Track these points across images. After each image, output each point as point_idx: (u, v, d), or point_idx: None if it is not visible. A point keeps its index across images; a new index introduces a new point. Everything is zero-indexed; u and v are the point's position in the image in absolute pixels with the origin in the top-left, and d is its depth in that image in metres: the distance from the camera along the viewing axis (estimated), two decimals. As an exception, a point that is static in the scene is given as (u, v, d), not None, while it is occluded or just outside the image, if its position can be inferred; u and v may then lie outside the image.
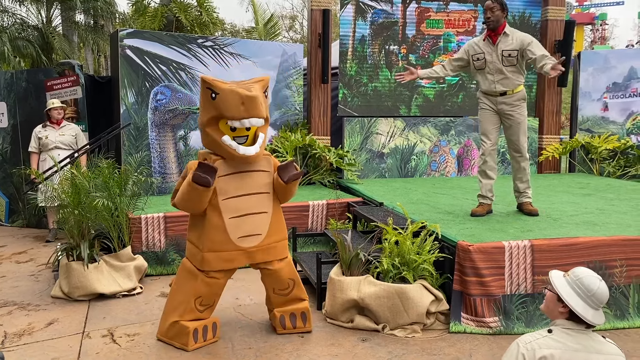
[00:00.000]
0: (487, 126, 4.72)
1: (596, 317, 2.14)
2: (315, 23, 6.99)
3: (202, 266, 3.34)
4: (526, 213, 4.71)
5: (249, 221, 3.38)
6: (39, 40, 10.76)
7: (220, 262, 3.35)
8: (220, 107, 3.18)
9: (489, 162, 4.71)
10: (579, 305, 2.13)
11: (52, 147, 6.19)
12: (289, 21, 31.78)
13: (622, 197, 5.68)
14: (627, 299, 3.79)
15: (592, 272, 2.21)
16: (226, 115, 3.18)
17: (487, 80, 4.63)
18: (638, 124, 8.06)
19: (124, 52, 6.26)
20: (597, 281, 2.16)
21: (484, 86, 4.69)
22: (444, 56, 7.56)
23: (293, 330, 3.60)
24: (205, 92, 3.24)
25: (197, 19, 11.57)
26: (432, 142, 7.57)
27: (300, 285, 3.67)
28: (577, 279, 2.18)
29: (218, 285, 3.44)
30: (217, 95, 3.17)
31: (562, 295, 2.16)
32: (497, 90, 4.59)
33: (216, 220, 3.30)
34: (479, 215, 4.65)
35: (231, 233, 3.33)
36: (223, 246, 3.32)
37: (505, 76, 4.55)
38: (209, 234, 3.31)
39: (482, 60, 4.60)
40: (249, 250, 3.39)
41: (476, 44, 4.68)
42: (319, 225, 5.60)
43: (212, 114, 3.23)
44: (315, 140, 6.80)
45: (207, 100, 3.23)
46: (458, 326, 3.63)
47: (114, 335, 3.63)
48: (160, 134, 6.45)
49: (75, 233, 4.39)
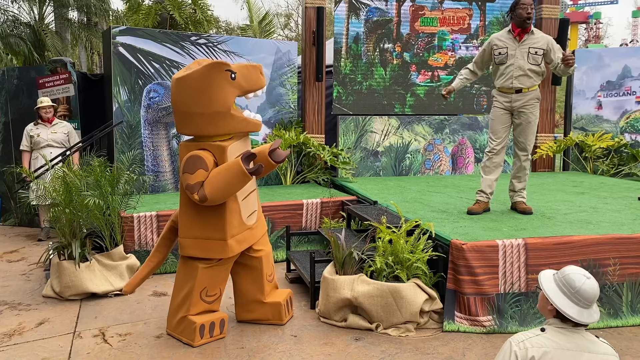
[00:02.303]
0: (496, 125, 4.69)
1: (586, 315, 2.12)
2: (309, 21, 6.97)
3: (225, 254, 3.36)
4: (520, 211, 4.71)
5: (250, 200, 3.53)
6: (31, 37, 10.69)
7: (238, 245, 3.44)
8: (243, 83, 3.35)
9: (494, 159, 4.70)
10: (563, 302, 2.12)
11: (44, 145, 6.14)
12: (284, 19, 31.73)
13: (616, 195, 5.68)
14: (620, 298, 3.79)
15: (580, 270, 2.19)
16: (255, 87, 3.42)
17: (505, 75, 4.57)
18: (632, 123, 8.08)
19: (117, 49, 6.21)
20: (582, 278, 2.14)
21: (500, 82, 4.62)
22: (439, 54, 7.55)
23: (289, 316, 3.79)
24: (224, 75, 3.25)
25: (191, 17, 11.52)
26: (426, 140, 7.56)
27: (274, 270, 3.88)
28: (563, 276, 2.17)
29: (221, 273, 3.47)
30: (235, 74, 3.30)
31: (546, 292, 2.16)
32: (513, 86, 4.54)
33: (234, 205, 3.37)
34: (475, 214, 4.64)
35: (243, 214, 3.45)
36: (239, 229, 3.43)
37: (525, 73, 4.51)
38: (230, 220, 3.34)
39: (504, 54, 4.54)
40: (252, 227, 3.55)
41: (499, 38, 4.62)
42: (313, 224, 5.58)
43: (236, 93, 3.34)
44: (310, 139, 6.78)
45: (227, 83, 3.27)
46: (452, 325, 3.62)
47: (106, 335, 3.60)
48: (153, 132, 6.41)
49: (67, 232, 4.36)
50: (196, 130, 3.35)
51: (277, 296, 3.75)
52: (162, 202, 5.54)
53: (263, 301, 3.66)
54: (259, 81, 3.46)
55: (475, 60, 4.81)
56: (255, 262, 3.62)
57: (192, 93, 3.26)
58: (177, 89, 3.30)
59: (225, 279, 3.55)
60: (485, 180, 4.74)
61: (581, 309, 2.12)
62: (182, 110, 3.32)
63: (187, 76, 3.26)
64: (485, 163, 4.76)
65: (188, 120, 3.33)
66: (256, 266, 3.63)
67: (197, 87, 3.24)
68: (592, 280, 2.15)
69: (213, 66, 3.23)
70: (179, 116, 3.37)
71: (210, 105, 3.25)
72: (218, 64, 3.25)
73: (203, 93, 3.23)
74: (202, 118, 3.28)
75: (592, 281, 2.15)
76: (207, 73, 3.22)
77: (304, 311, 3.97)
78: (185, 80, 3.27)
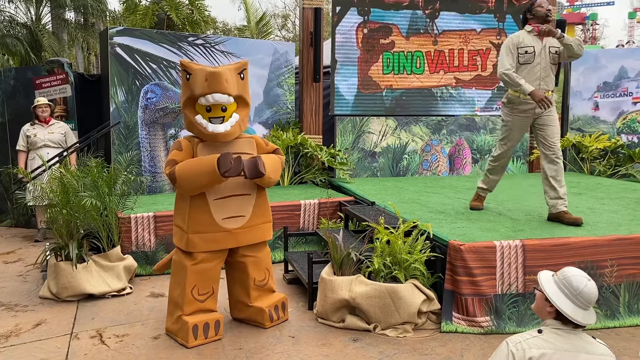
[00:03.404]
0: (515, 134, 4.59)
1: (585, 317, 2.13)
2: (307, 22, 6.97)
3: (187, 247, 3.39)
4: (569, 223, 4.28)
5: (233, 203, 3.46)
6: (28, 37, 10.66)
7: (205, 243, 3.40)
8: (192, 86, 3.33)
9: (502, 161, 4.74)
10: (564, 304, 2.12)
11: (40, 145, 6.13)
12: (281, 20, 31.71)
13: (613, 196, 5.70)
14: (617, 299, 3.80)
15: (580, 272, 2.20)
16: (195, 93, 3.30)
17: (533, 75, 4.38)
18: (628, 124, 8.10)
19: (114, 50, 6.20)
20: (584, 280, 2.15)
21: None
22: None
23: (277, 321, 3.72)
24: (182, 75, 3.39)
25: (188, 17, 11.50)
26: (423, 141, 7.57)
27: (272, 274, 3.80)
28: (564, 278, 2.18)
29: (209, 271, 3.47)
30: (190, 76, 3.33)
31: (548, 294, 2.16)
32: (540, 88, 4.37)
33: (200, 202, 3.37)
34: (478, 209, 4.85)
35: (215, 214, 3.40)
36: (207, 227, 3.39)
37: (549, 74, 4.42)
38: (193, 215, 3.37)
39: (531, 53, 4.37)
40: (234, 231, 3.47)
41: (522, 38, 4.44)
42: (310, 225, 5.58)
43: (187, 94, 3.38)
44: (307, 139, 6.78)
45: (184, 83, 3.40)
46: (449, 326, 3.62)
47: (103, 336, 3.59)
48: (150, 133, 6.40)
49: (64, 233, 4.34)
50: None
51: (265, 301, 3.67)
52: (159, 202, 5.53)
53: (248, 304, 3.66)
54: (200, 87, 3.26)
55: (509, 63, 4.39)
56: (241, 266, 3.60)
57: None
58: None
59: (216, 277, 3.55)
60: (491, 180, 4.84)
61: (583, 310, 2.14)
62: None
63: None
64: (493, 165, 4.79)
65: None
66: (242, 270, 3.62)
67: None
68: (592, 282, 2.17)
69: (180, 65, 3.43)
70: None
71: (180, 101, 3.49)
72: (180, 63, 3.43)
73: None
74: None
75: (592, 283, 2.16)
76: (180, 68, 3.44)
77: (302, 312, 3.96)
78: None
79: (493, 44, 7.76)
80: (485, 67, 7.77)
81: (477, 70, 7.75)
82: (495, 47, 7.76)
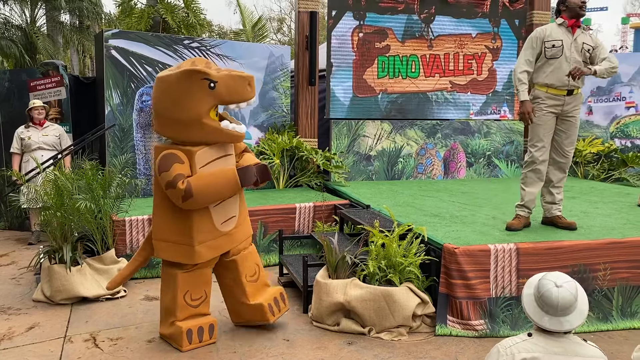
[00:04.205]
0: (542, 131, 4.21)
1: (552, 322, 2.10)
2: (302, 25, 6.98)
3: (192, 260, 3.31)
4: (564, 227, 4.28)
5: (227, 205, 3.44)
6: (23, 40, 10.62)
7: (209, 251, 3.37)
8: (224, 94, 3.21)
9: (539, 169, 4.25)
10: (530, 307, 2.15)
11: (35, 147, 6.10)
12: (277, 23, 31.76)
13: (606, 200, 5.73)
14: (610, 302, 3.82)
15: (556, 277, 2.16)
16: (236, 99, 3.27)
17: (561, 70, 4.11)
18: (622, 128, 8.15)
19: (109, 52, 6.20)
20: (548, 285, 2.12)
21: (553, 79, 4.14)
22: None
23: (279, 314, 3.72)
24: (200, 84, 3.16)
25: (184, 21, 11.48)
26: (418, 144, 7.59)
27: (263, 269, 3.78)
28: (538, 281, 2.19)
29: (201, 276, 3.44)
30: (216, 84, 3.17)
31: (522, 295, 2.20)
32: (569, 83, 4.11)
33: (203, 210, 3.30)
34: (515, 230, 4.23)
35: (215, 220, 3.37)
36: (210, 235, 3.35)
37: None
38: (198, 226, 3.29)
39: (559, 47, 4.11)
40: (230, 232, 3.47)
41: (549, 31, 4.20)
42: (305, 228, 5.58)
43: (212, 102, 3.22)
44: (303, 143, 6.79)
45: (203, 91, 3.17)
46: (444, 329, 3.63)
47: (97, 339, 3.57)
48: (145, 136, 6.39)
49: (58, 235, 4.33)
50: (170, 133, 3.34)
51: (262, 296, 3.65)
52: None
53: (247, 303, 3.61)
54: (243, 94, 3.29)
55: (527, 59, 4.21)
56: (231, 265, 3.56)
57: (167, 96, 3.23)
58: (156, 88, 3.29)
59: (208, 281, 3.51)
60: (528, 193, 4.29)
61: (547, 315, 2.11)
62: (158, 110, 3.31)
63: (167, 77, 3.23)
64: (527, 174, 4.30)
65: (163, 122, 3.31)
66: (233, 268, 3.57)
67: (172, 91, 3.20)
68: (563, 289, 2.11)
69: (189, 73, 3.16)
70: (155, 115, 3.36)
71: (182, 111, 3.20)
72: (194, 72, 3.16)
73: (176, 98, 3.19)
74: (173, 122, 3.26)
75: (561, 290, 2.11)
76: (183, 79, 3.17)
77: (297, 315, 3.96)
78: (164, 81, 3.24)
79: (488, 48, 7.80)
80: (481, 71, 7.81)
81: (473, 74, 7.79)
82: (490, 51, 7.80)
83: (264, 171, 3.44)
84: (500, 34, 7.81)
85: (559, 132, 4.29)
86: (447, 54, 7.68)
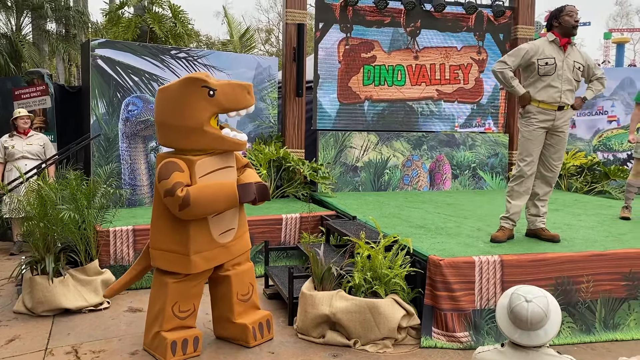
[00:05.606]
0: (532, 146, 4.24)
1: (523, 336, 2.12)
2: (290, 37, 7.02)
3: (188, 270, 3.31)
4: (547, 239, 4.33)
5: (226, 217, 3.45)
6: (8, 48, 10.52)
7: (205, 262, 3.36)
8: (223, 101, 3.26)
9: (525, 183, 4.29)
10: (502, 322, 2.18)
11: (18, 156, 6.04)
12: (264, 34, 31.86)
13: (589, 212, 5.80)
14: (593, 314, 3.86)
15: (527, 291, 2.17)
16: (236, 106, 3.33)
17: (553, 88, 4.15)
18: (604, 141, 8.28)
19: (95, 62, 6.17)
20: (518, 300, 2.14)
21: (544, 96, 4.17)
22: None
23: (262, 340, 3.63)
24: (200, 91, 3.23)
25: (171, 31, 11.46)
26: (404, 156, 7.64)
27: (256, 290, 3.75)
28: (511, 293, 2.22)
29: (193, 288, 3.42)
30: (215, 92, 3.23)
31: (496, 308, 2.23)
32: (561, 101, 4.16)
33: (201, 221, 3.30)
34: (499, 242, 4.26)
35: (213, 232, 3.37)
36: (206, 246, 3.35)
37: (571, 88, 4.21)
38: (194, 236, 3.29)
39: (552, 65, 4.12)
40: (227, 245, 3.47)
41: (542, 48, 4.19)
42: (292, 239, 5.57)
43: (213, 110, 3.27)
44: (290, 153, 6.80)
45: (203, 99, 3.23)
46: (429, 341, 3.63)
47: (78, 352, 3.52)
48: (130, 146, 6.35)
49: (41, 246, 4.27)
50: (171, 142, 3.38)
51: (249, 317, 3.61)
52: (139, 216, 5.47)
53: (232, 321, 3.59)
54: (243, 101, 3.36)
55: (510, 63, 4.22)
56: (225, 280, 3.55)
57: (167, 105, 3.31)
58: (158, 99, 3.39)
59: (198, 294, 3.49)
60: (513, 206, 4.32)
61: (518, 329, 2.13)
62: (158, 120, 3.38)
63: (168, 87, 3.35)
64: (514, 187, 4.32)
65: (164, 131, 3.38)
66: (225, 283, 3.56)
67: (173, 99, 3.28)
68: (533, 304, 2.12)
69: (189, 81, 3.25)
70: (156, 126, 3.43)
71: (182, 119, 3.26)
72: (194, 79, 3.25)
73: (177, 106, 3.26)
74: (175, 130, 3.31)
75: (529, 305, 2.12)
76: (183, 87, 3.25)
77: (282, 327, 3.94)
78: (165, 91, 3.34)
79: (474, 59, 7.90)
80: (468, 80, 7.89)
81: (460, 83, 7.87)
82: (476, 62, 7.90)
83: (263, 191, 3.48)
84: (486, 48, 7.92)
85: (547, 147, 4.32)
86: (433, 64, 7.76)
